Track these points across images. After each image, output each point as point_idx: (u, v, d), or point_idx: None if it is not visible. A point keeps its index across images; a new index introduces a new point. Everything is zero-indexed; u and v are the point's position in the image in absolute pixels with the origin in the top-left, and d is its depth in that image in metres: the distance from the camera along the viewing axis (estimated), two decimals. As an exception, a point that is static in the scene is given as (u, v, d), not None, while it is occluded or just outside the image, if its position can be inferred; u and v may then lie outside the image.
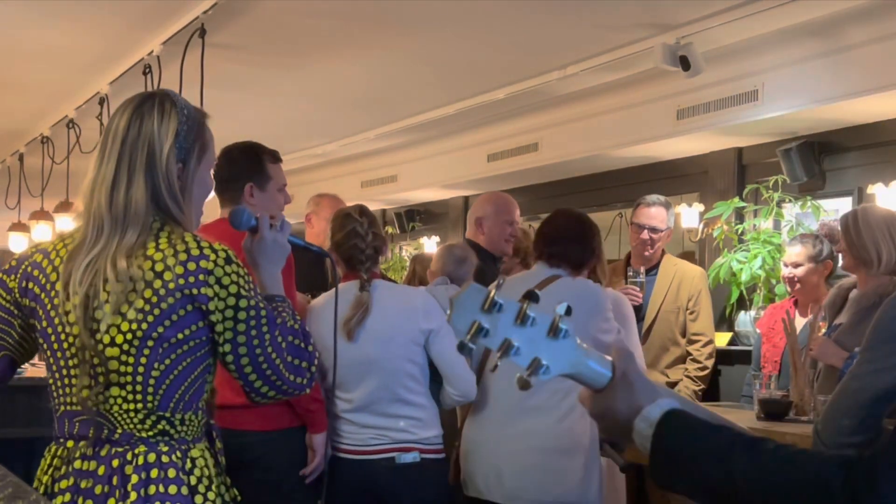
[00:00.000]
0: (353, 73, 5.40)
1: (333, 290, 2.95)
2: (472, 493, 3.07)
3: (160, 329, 1.73)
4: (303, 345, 1.87)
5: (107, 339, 1.73)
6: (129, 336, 1.73)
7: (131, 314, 1.72)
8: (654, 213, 4.30)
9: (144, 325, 1.73)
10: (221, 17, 4.35)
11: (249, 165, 2.96)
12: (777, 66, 4.56)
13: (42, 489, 1.79)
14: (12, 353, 1.86)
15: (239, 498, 1.92)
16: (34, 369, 3.90)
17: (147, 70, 4.92)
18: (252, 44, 4.89)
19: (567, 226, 3.15)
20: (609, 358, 1.20)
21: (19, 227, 8.03)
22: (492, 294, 1.15)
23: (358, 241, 2.97)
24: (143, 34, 4.80)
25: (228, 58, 4.98)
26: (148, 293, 1.72)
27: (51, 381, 1.82)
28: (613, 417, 1.15)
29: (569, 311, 1.17)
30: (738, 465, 1.02)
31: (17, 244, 8.06)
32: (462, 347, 1.18)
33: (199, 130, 1.85)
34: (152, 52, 4.80)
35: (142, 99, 1.83)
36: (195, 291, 1.73)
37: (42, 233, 7.47)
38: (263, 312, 1.80)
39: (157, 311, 1.73)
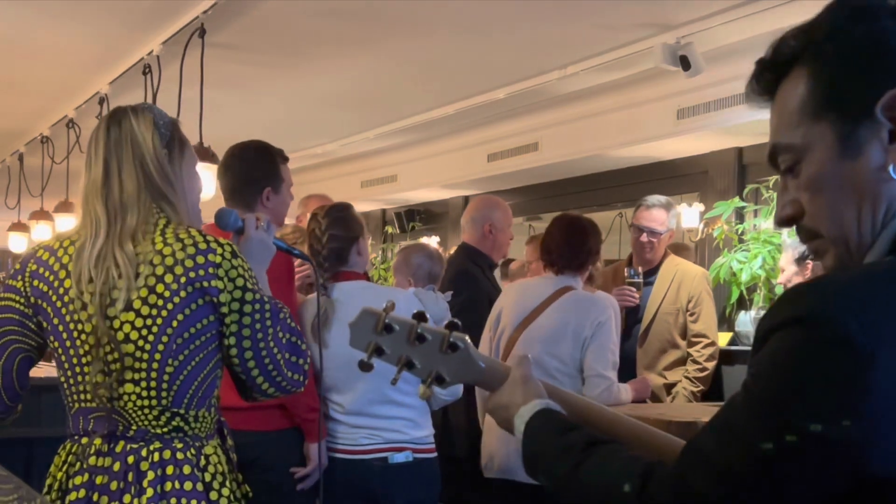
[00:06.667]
0: (354, 73, 5.40)
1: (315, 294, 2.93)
2: (487, 473, 3.30)
3: (174, 323, 1.76)
4: (299, 342, 1.90)
5: (121, 336, 1.75)
6: (143, 332, 1.75)
7: (145, 310, 1.75)
8: (654, 216, 4.25)
9: (159, 321, 1.75)
10: (221, 17, 4.35)
11: (267, 168, 2.87)
12: (777, 65, 4.55)
13: (56, 485, 1.81)
14: (31, 353, 1.90)
15: (250, 495, 1.94)
16: (35, 369, 3.89)
17: (147, 70, 4.92)
18: (252, 44, 4.89)
19: (560, 233, 3.37)
20: (505, 363, 1.33)
21: (19, 227, 8.02)
22: (383, 317, 1.28)
23: (313, 243, 2.94)
24: (143, 34, 4.80)
25: (228, 58, 4.99)
26: (160, 288, 1.75)
27: (62, 378, 1.85)
28: (502, 414, 1.27)
29: (456, 327, 1.29)
30: (575, 462, 1.09)
31: (17, 244, 8.05)
32: (363, 366, 1.30)
33: (175, 130, 1.91)
34: (152, 51, 4.81)
35: (114, 111, 1.91)
36: (206, 284, 1.77)
37: (42, 233, 7.46)
38: (268, 307, 1.83)
39: (170, 306, 1.75)
